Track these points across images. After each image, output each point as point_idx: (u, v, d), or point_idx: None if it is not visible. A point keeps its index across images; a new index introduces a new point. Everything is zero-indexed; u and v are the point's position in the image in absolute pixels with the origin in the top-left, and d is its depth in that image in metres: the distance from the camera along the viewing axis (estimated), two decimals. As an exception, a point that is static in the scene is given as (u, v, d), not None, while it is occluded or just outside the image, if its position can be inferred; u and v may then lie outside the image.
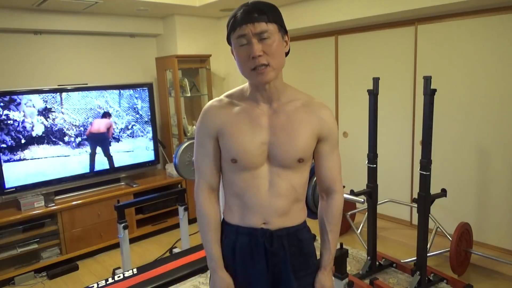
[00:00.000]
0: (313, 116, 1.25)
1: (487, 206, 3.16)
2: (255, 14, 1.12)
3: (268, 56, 1.14)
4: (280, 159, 1.23)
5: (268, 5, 1.16)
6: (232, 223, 1.31)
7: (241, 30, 1.13)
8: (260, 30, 1.12)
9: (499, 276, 2.91)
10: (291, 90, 1.28)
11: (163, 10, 3.90)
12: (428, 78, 2.43)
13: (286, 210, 1.27)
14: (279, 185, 1.24)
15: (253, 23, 1.12)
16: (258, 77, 1.16)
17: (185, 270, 2.05)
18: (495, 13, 2.92)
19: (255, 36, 1.12)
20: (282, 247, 1.27)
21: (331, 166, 1.32)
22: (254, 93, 1.25)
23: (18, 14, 3.36)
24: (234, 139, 1.22)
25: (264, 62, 1.14)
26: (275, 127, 1.23)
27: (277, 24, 1.16)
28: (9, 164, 3.21)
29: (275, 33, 1.15)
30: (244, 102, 1.26)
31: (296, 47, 4.33)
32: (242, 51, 1.15)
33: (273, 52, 1.14)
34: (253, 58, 1.13)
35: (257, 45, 1.12)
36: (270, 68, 1.15)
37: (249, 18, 1.12)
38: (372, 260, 2.98)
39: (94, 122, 3.65)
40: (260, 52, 1.12)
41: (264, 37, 1.13)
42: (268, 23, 1.13)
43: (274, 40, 1.14)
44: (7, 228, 3.17)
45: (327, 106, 1.30)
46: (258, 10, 1.13)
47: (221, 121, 1.25)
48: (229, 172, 1.28)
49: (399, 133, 3.64)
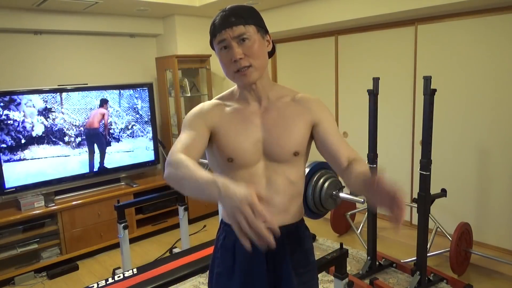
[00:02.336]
0: (302, 107, 1.28)
1: (487, 206, 3.16)
2: (232, 19, 1.15)
3: (249, 58, 1.16)
4: (275, 155, 1.24)
5: (244, 8, 1.19)
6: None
7: (220, 36, 1.16)
8: (238, 33, 1.14)
9: (499, 276, 2.91)
10: (278, 88, 1.32)
11: (163, 10, 3.90)
12: (428, 78, 2.43)
13: (285, 207, 1.28)
14: (277, 182, 1.26)
15: (231, 27, 1.14)
16: (242, 79, 1.19)
17: (185, 270, 2.05)
18: (495, 13, 2.92)
19: (234, 39, 1.15)
20: (282, 245, 1.27)
21: (341, 141, 1.28)
22: (243, 93, 1.27)
23: (18, 14, 3.36)
24: (229, 139, 1.23)
25: (246, 64, 1.16)
26: (267, 124, 1.25)
27: (256, 25, 1.18)
28: (9, 164, 3.21)
29: (254, 34, 1.17)
30: (235, 103, 1.29)
31: (296, 47, 4.33)
32: (224, 56, 1.18)
33: (254, 53, 1.16)
34: (234, 62, 1.16)
35: (237, 49, 1.15)
36: (253, 68, 1.18)
37: (227, 23, 1.15)
38: (372, 260, 2.98)
39: (91, 115, 3.65)
40: (241, 55, 1.15)
41: (243, 40, 1.15)
42: (246, 25, 1.15)
43: (254, 41, 1.16)
44: (7, 228, 3.17)
45: (316, 97, 1.33)
46: (235, 14, 1.16)
47: (216, 120, 1.26)
48: (225, 172, 1.28)
49: (399, 133, 3.64)
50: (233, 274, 1.31)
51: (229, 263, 1.31)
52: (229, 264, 1.31)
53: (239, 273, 1.30)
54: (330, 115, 1.32)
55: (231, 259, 1.30)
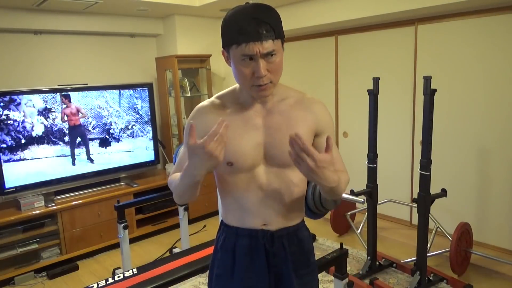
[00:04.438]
0: (307, 112, 1.23)
1: (487, 206, 3.16)
2: (264, 31, 1.05)
3: (271, 74, 1.11)
4: (277, 159, 1.21)
5: (273, 17, 1.10)
6: (231, 225, 1.30)
7: (247, 48, 1.06)
8: (268, 50, 1.07)
9: (499, 276, 2.91)
10: (282, 88, 1.26)
11: (163, 10, 3.90)
12: (428, 78, 2.43)
13: (286, 210, 1.26)
14: (278, 185, 1.23)
15: (261, 42, 1.06)
16: (259, 93, 1.14)
17: (185, 270, 2.05)
18: (495, 13, 2.92)
19: (262, 56, 1.08)
20: (282, 247, 1.27)
21: (334, 157, 1.27)
22: (247, 95, 1.22)
23: (18, 14, 3.36)
24: (229, 142, 1.17)
25: (267, 82, 1.12)
26: (270, 128, 1.21)
27: (282, 39, 1.12)
28: (9, 164, 3.21)
29: (280, 49, 1.12)
30: (236, 104, 1.23)
31: (296, 47, 4.33)
32: (245, 68, 1.10)
33: (276, 69, 1.12)
34: (257, 77, 1.10)
35: (263, 64, 1.09)
36: (271, 84, 1.14)
37: (257, 35, 1.05)
38: (372, 260, 2.98)
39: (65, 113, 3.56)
40: (266, 72, 1.10)
41: (270, 56, 1.09)
42: (275, 40, 1.08)
43: (278, 57, 1.11)
44: (7, 228, 3.17)
45: (320, 101, 1.29)
46: (266, 25, 1.06)
47: (213, 123, 1.17)
48: (225, 175, 1.25)
49: (399, 133, 3.64)
50: (232, 275, 1.29)
51: (229, 264, 1.30)
52: (229, 265, 1.30)
53: (239, 274, 1.28)
54: (331, 124, 1.29)
55: (231, 260, 1.29)
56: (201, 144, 1.03)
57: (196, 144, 1.04)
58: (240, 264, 1.28)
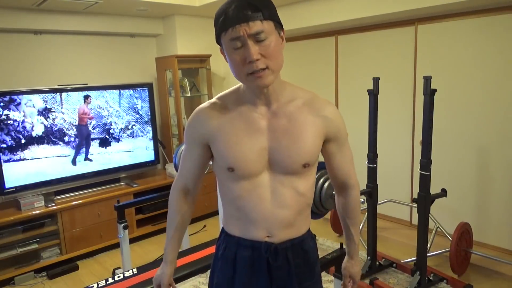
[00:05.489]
0: (317, 116, 1.14)
1: (487, 206, 3.16)
2: (249, 11, 0.98)
3: (266, 59, 1.02)
4: (283, 166, 1.12)
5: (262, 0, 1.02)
6: (232, 234, 1.23)
7: (234, 31, 0.99)
8: (255, 30, 0.99)
9: (499, 276, 2.91)
10: (290, 88, 1.16)
11: (163, 10, 3.90)
12: (428, 78, 2.43)
13: (292, 221, 1.18)
14: (283, 194, 1.14)
15: (247, 23, 0.98)
16: (256, 82, 1.04)
17: (185, 270, 2.05)
18: (495, 13, 2.92)
19: (250, 37, 1.00)
20: (286, 260, 1.19)
21: (343, 162, 1.26)
22: (250, 94, 1.13)
23: (18, 14, 3.36)
24: (230, 146, 1.11)
25: (262, 66, 1.02)
26: (276, 131, 1.12)
27: (274, 21, 1.03)
28: (9, 164, 3.21)
29: (272, 31, 1.02)
30: (239, 105, 1.15)
31: (296, 47, 4.33)
32: (236, 55, 1.02)
33: (271, 53, 1.02)
34: (249, 63, 1.01)
35: (254, 48, 1.00)
36: (269, 71, 1.03)
37: (242, 17, 0.98)
38: (372, 260, 2.98)
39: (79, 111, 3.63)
40: (258, 55, 1.00)
41: (261, 39, 1.00)
42: (263, 21, 1.00)
43: (271, 41, 1.02)
44: (7, 228, 3.17)
45: (332, 103, 1.21)
46: (252, 6, 0.99)
47: (213, 126, 1.14)
48: (226, 181, 1.17)
49: (399, 133, 3.64)
50: (233, 286, 1.23)
51: (229, 275, 1.23)
52: (229, 276, 1.23)
53: (239, 285, 1.22)
54: (344, 128, 1.21)
55: (231, 271, 1.22)
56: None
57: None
58: (241, 276, 1.21)
